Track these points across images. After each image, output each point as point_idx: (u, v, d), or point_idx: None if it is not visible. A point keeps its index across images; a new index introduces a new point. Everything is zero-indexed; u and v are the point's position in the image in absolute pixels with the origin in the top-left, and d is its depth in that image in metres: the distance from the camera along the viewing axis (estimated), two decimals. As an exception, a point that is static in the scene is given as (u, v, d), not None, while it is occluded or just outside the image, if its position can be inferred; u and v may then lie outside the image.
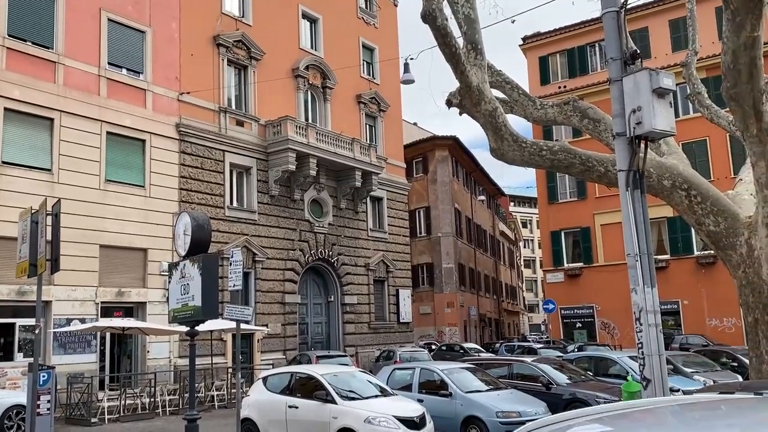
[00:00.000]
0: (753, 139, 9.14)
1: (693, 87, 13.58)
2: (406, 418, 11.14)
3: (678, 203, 10.26)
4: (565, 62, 37.67)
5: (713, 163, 31.51)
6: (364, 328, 31.11)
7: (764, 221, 9.30)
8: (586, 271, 35.14)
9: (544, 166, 11.45)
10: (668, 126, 8.28)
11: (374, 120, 34.14)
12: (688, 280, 31.52)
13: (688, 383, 13.99)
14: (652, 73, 8.07)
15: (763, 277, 9.31)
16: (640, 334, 8.38)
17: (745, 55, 8.27)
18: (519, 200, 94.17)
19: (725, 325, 30.14)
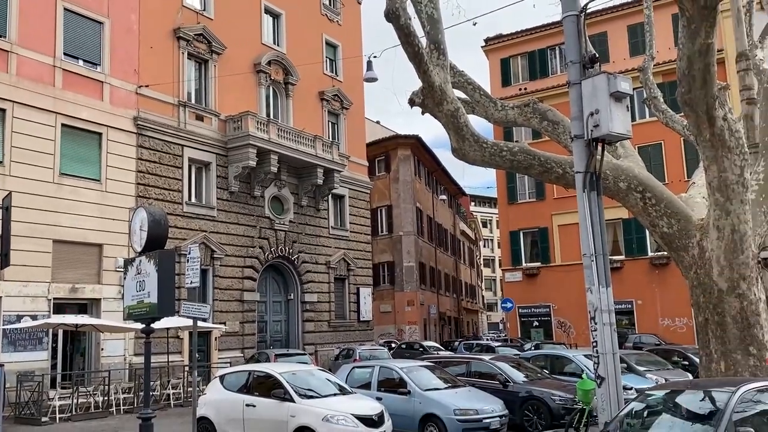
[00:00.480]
0: (706, 144, 9.39)
1: (649, 91, 13.89)
2: (365, 416, 11.15)
3: (633, 205, 10.49)
4: (526, 64, 38.15)
5: (668, 167, 32.29)
6: (324, 327, 31.01)
7: (715, 224, 9.56)
8: (544, 271, 35.67)
9: (504, 167, 11.58)
10: (625, 129, 8.45)
11: (337, 117, 34.04)
12: (642, 281, 32.25)
13: (640, 381, 14.31)
14: (609, 77, 8.22)
15: (713, 278, 9.57)
16: (594, 332, 8.54)
17: (700, 61, 8.48)
18: (480, 200, 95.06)
19: (677, 325, 30.94)
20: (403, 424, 12.55)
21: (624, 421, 7.66)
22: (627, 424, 7.61)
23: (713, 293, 9.52)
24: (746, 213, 9.44)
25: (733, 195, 9.33)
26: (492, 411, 12.55)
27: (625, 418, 7.74)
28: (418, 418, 12.59)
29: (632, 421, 7.69)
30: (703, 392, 7.63)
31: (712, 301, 9.53)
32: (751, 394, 7.35)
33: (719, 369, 9.39)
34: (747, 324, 9.29)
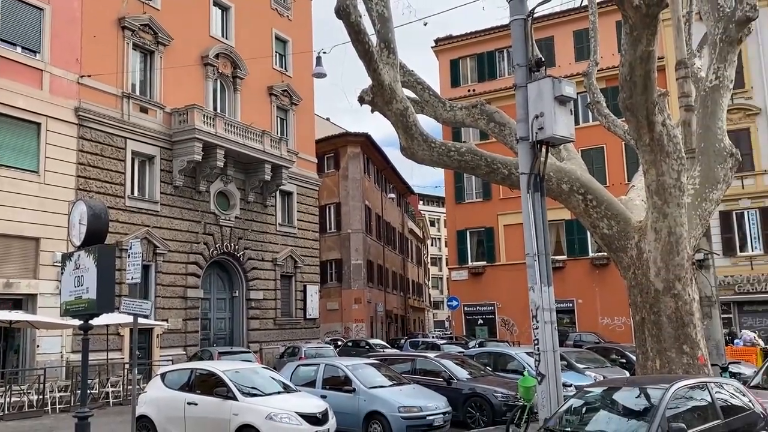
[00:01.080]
0: (645, 148, 9.69)
1: (593, 96, 14.24)
2: (309, 414, 11.10)
3: (575, 206, 10.74)
4: (475, 66, 38.61)
5: (609, 170, 33.19)
6: (270, 324, 30.72)
7: (653, 226, 9.87)
8: (489, 270, 36.20)
9: (452, 167, 11.70)
10: (568, 132, 8.65)
11: (286, 113, 33.75)
12: (583, 280, 33.08)
13: (580, 378, 14.67)
14: (554, 81, 8.40)
15: (650, 279, 9.88)
16: (536, 330, 8.72)
17: (641, 68, 8.74)
18: (428, 199, 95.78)
19: (616, 324, 31.86)
20: (348, 422, 12.55)
21: (563, 417, 7.85)
22: (566, 420, 7.80)
23: (650, 293, 9.84)
24: (682, 216, 9.79)
25: (671, 198, 9.65)
26: (436, 408, 12.67)
27: (564, 414, 7.92)
28: (362, 416, 12.61)
29: (571, 417, 7.88)
30: (639, 389, 7.88)
31: (649, 301, 9.84)
32: (684, 391, 7.64)
33: (654, 367, 9.71)
34: (681, 323, 9.63)
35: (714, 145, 10.87)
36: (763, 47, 30.07)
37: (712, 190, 10.69)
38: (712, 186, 10.69)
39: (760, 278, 29.34)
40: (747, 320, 29.64)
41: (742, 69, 29.82)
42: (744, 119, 30.24)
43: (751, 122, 30.25)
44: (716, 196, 10.77)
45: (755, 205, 29.98)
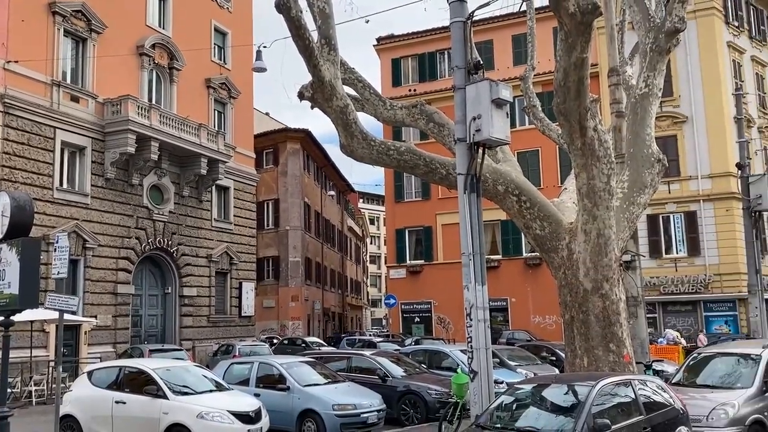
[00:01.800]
0: (577, 152, 9.96)
1: (529, 100, 14.57)
2: (241, 413, 10.97)
3: (509, 207, 10.96)
4: (416, 66, 38.89)
5: (544, 172, 34.02)
6: (203, 322, 30.15)
7: (583, 228, 10.17)
8: (427, 268, 36.55)
9: (391, 166, 11.75)
10: (504, 135, 8.82)
11: (224, 106, 33.17)
12: (516, 280, 33.80)
13: (511, 375, 14.98)
14: (492, 84, 8.55)
15: (579, 279, 10.18)
16: (470, 328, 8.86)
17: (575, 74, 8.98)
18: (368, 197, 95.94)
19: (547, 322, 32.68)
20: (282, 421, 12.46)
21: (494, 413, 8.00)
22: (496, 417, 7.95)
23: (579, 293, 10.13)
24: (611, 218, 10.12)
25: (600, 201, 9.96)
26: (370, 406, 12.72)
27: (495, 410, 8.08)
28: (296, 414, 12.54)
29: (501, 414, 8.04)
30: (567, 386, 8.12)
31: (578, 300, 10.14)
32: (609, 388, 7.91)
33: (582, 364, 10.01)
34: (609, 322, 9.96)
35: (642, 150, 11.29)
36: (691, 57, 31.38)
37: (639, 194, 11.10)
38: (639, 190, 11.09)
39: (683, 279, 30.62)
40: (671, 320, 30.92)
41: (670, 78, 31.08)
42: (671, 126, 31.49)
43: (678, 129, 31.52)
44: (644, 199, 11.19)
45: (680, 210, 31.27)
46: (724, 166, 29.80)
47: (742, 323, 28.64)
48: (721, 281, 30.08)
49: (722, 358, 11.49)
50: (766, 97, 34.47)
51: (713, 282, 30.18)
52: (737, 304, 29.57)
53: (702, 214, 30.79)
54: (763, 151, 32.76)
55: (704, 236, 30.66)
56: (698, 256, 30.76)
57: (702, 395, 10.27)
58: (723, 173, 30.09)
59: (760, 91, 34.11)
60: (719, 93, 30.55)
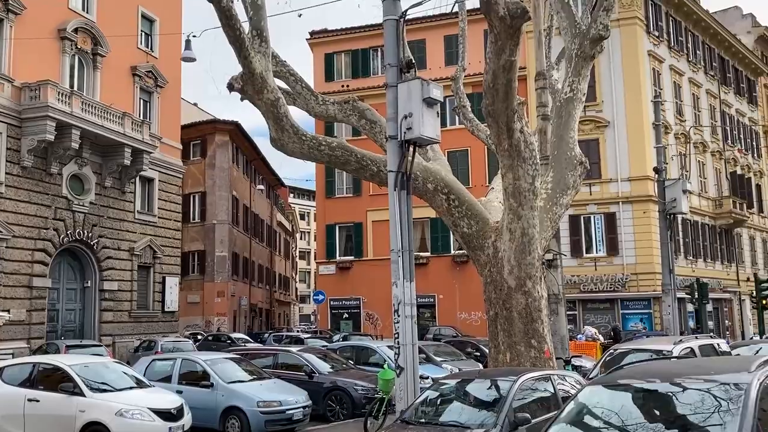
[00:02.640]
0: (504, 153, 10.20)
1: (459, 100, 14.81)
2: (162, 410, 10.70)
3: (439, 205, 11.12)
4: (350, 62, 38.83)
5: (473, 172, 34.62)
6: (125, 317, 29.21)
7: (508, 227, 10.42)
8: (357, 265, 36.60)
9: (322, 161, 11.71)
10: (434, 134, 8.93)
11: (150, 95, 32.16)
12: (444, 276, 34.29)
13: (437, 371, 15.21)
14: (423, 83, 8.64)
15: (504, 276, 10.43)
16: (397, 324, 8.94)
17: (503, 76, 9.19)
18: (298, 192, 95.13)
19: (473, 318, 33.32)
20: (205, 418, 12.22)
21: (419, 408, 8.11)
22: (421, 412, 8.06)
23: (503, 290, 10.39)
24: (535, 218, 10.41)
25: (525, 201, 10.23)
26: (296, 402, 12.65)
27: (420, 405, 8.19)
28: (220, 411, 12.33)
29: (426, 409, 8.16)
30: (490, 381, 8.31)
31: (502, 297, 10.40)
32: (530, 383, 8.14)
33: (505, 360, 10.27)
34: (531, 319, 10.25)
35: (566, 153, 11.66)
36: (614, 64, 32.59)
37: (562, 195, 11.47)
38: (562, 191, 11.46)
39: (602, 278, 31.81)
40: (589, 317, 32.08)
41: (594, 83, 32.15)
42: (594, 130, 32.64)
43: (600, 133, 32.70)
44: (566, 200, 11.57)
45: (601, 211, 32.46)
46: (643, 169, 31.12)
47: (656, 321, 29.99)
48: (637, 280, 31.41)
49: (636, 354, 11.99)
50: (683, 105, 36.18)
51: (630, 281, 31.49)
52: (652, 303, 30.94)
53: (621, 215, 32.06)
54: (678, 156, 34.38)
55: (623, 237, 31.94)
56: (617, 256, 32.02)
57: (617, 389, 10.69)
58: (641, 177, 31.40)
59: (677, 99, 35.78)
60: (639, 99, 31.86)
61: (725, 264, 37.71)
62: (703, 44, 39.24)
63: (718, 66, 40.41)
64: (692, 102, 37.10)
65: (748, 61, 43.72)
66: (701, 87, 38.19)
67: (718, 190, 38.11)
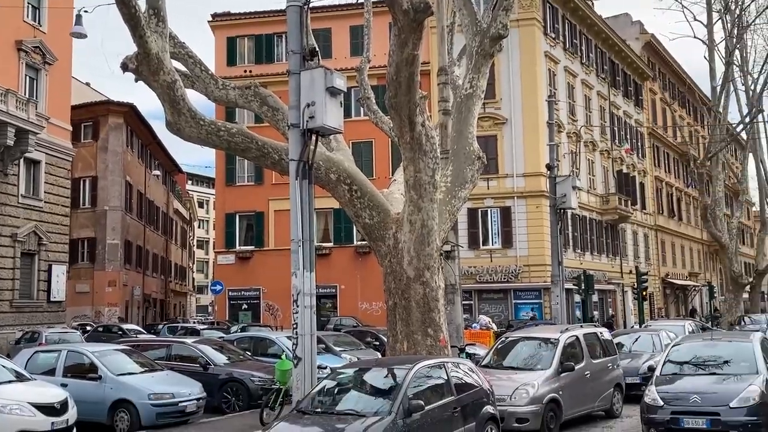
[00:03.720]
0: (406, 146, 10.34)
1: (364, 92, 14.86)
2: (45, 405, 10.15)
3: (341, 196, 11.13)
4: (253, 47, 38.03)
5: (377, 164, 34.88)
6: (5, 307, 27.39)
7: (409, 218, 10.59)
8: (257, 255, 36.04)
9: (221, 147, 11.43)
10: (337, 123, 8.92)
11: (37, 73, 30.19)
12: (347, 267, 34.41)
13: (336, 360, 15.26)
14: (327, 72, 8.60)
15: (404, 267, 10.61)
16: (296, 315, 8.89)
17: (406, 69, 9.30)
18: (197, 179, 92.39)
19: (374, 309, 33.63)
20: (93, 412, 11.71)
21: (315, 398, 8.11)
22: (318, 401, 8.07)
23: (403, 280, 10.57)
24: (434, 210, 10.63)
25: (425, 194, 10.43)
26: (189, 394, 12.35)
27: (317, 395, 8.19)
28: (108, 404, 11.85)
29: (323, 398, 8.17)
30: (387, 369, 8.43)
31: (401, 287, 10.57)
32: (425, 371, 8.33)
33: (403, 348, 10.46)
34: (428, 308, 10.48)
35: (465, 148, 11.97)
36: (512, 63, 33.70)
37: (461, 188, 11.76)
38: (461, 185, 11.76)
39: (497, 269, 32.95)
40: (484, 307, 33.18)
41: (494, 81, 33.18)
42: (493, 127, 33.66)
43: (498, 130, 33.77)
44: (464, 194, 11.88)
45: (497, 205, 33.58)
46: (537, 166, 32.41)
47: (546, 310, 31.43)
48: (529, 272, 32.76)
49: (526, 342, 12.54)
50: (575, 106, 37.96)
51: (523, 272, 32.81)
52: (542, 293, 32.38)
53: (516, 209, 33.30)
54: (570, 154, 36.05)
55: (517, 230, 33.19)
56: (511, 249, 33.24)
57: (507, 376, 11.15)
58: (535, 173, 32.70)
59: (570, 100, 37.48)
60: (535, 98, 33.11)
61: (610, 257, 39.99)
62: (595, 48, 41.28)
63: (608, 69, 42.65)
64: (584, 103, 38.99)
65: (636, 66, 46.41)
66: (593, 89, 40.18)
67: (606, 188, 40.30)
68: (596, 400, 12.02)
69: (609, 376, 12.58)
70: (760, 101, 43.48)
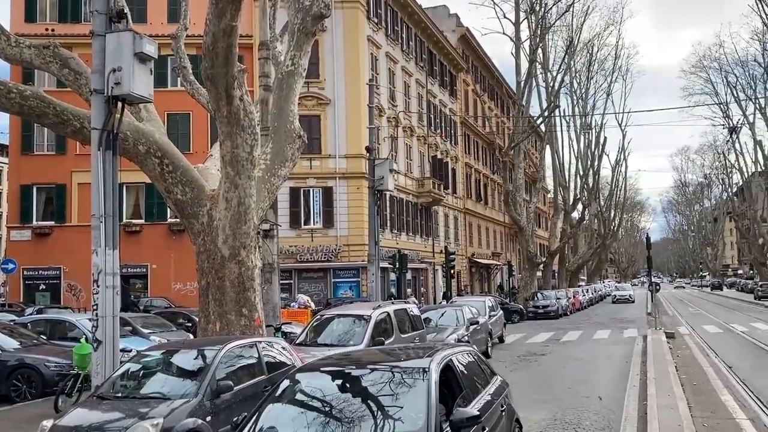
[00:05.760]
0: (223, 120, 10.04)
1: (180, 61, 14.16)
2: None
3: (151, 170, 10.55)
4: (56, 3, 34.59)
5: (194, 137, 33.48)
6: None
7: (225, 195, 10.32)
8: (58, 231, 33.14)
9: (12, 111, 10.32)
10: (147, 92, 8.40)
11: None
12: (159, 245, 32.79)
13: (143, 343, 14.51)
14: (136, 36, 8.05)
15: (218, 245, 10.33)
16: (96, 295, 8.32)
17: (224, 40, 8.99)
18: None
19: (188, 289, 32.43)
20: None
21: (117, 382, 7.66)
22: (120, 386, 7.63)
23: (217, 259, 10.29)
24: (252, 188, 10.45)
25: (243, 170, 10.22)
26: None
27: (120, 379, 7.75)
28: None
29: (127, 382, 7.75)
30: (196, 351, 8.18)
31: (215, 267, 10.30)
32: (238, 351, 8.20)
33: (215, 329, 10.22)
34: (243, 288, 10.32)
35: (286, 125, 11.85)
36: (336, 45, 33.95)
37: (281, 166, 11.66)
38: (281, 163, 11.65)
39: (318, 249, 33.29)
40: (304, 286, 33.39)
41: (318, 61, 33.24)
42: (317, 107, 33.75)
43: (322, 110, 33.93)
44: (284, 172, 11.79)
45: (319, 185, 33.83)
46: (359, 148, 33.06)
47: (364, 288, 32.36)
48: (348, 251, 33.49)
49: (340, 320, 12.81)
50: (396, 91, 39.18)
51: (342, 251, 33.45)
52: (360, 272, 33.25)
53: (337, 190, 33.79)
54: (390, 138, 37.22)
55: (338, 210, 33.72)
56: (332, 228, 33.72)
57: (322, 353, 11.29)
58: (357, 155, 33.36)
59: (391, 85, 38.62)
60: (358, 81, 33.68)
61: (424, 237, 42.07)
62: (415, 36, 42.85)
63: (427, 59, 44.51)
64: (404, 89, 40.38)
65: (452, 57, 48.90)
66: (412, 76, 41.74)
67: (422, 172, 42.23)
68: (403, 372, 12.60)
69: (416, 349, 13.25)
70: (557, 97, 48.11)
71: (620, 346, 19.89)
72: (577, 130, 57.81)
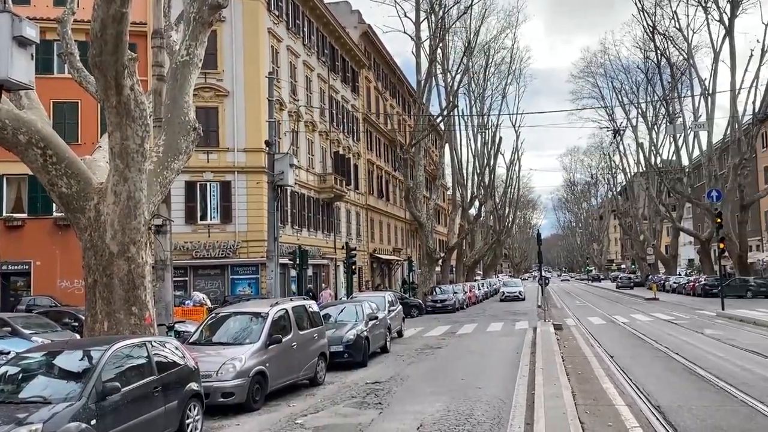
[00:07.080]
0: (112, 110, 9.60)
1: (67, 47, 13.44)
2: None
3: (32, 161, 9.97)
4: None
5: (83, 127, 31.81)
6: None
7: (114, 189, 9.88)
8: (-73, 225, 30.62)
9: None
10: (27, 78, 7.89)
11: None
12: (44, 241, 30.96)
13: (24, 345, 13.67)
14: (15, 18, 7.55)
15: (106, 241, 9.88)
16: (-32, 295, 7.75)
17: (113, 27, 8.60)
18: None
19: (75, 287, 30.80)
20: None
21: (-9, 388, 7.20)
22: None
23: (105, 255, 9.84)
24: (143, 181, 10.07)
25: (133, 163, 9.82)
26: None
27: (-6, 384, 7.29)
28: None
29: (4, 387, 7.32)
30: (82, 351, 7.81)
31: (103, 263, 9.85)
32: (126, 351, 7.89)
33: (102, 329, 9.78)
34: (133, 286, 9.93)
35: (180, 117, 11.47)
36: (236, 36, 33.21)
37: (174, 159, 11.28)
38: (174, 156, 11.27)
39: (215, 245, 32.48)
40: (200, 283, 32.49)
41: (216, 52, 32.42)
42: (214, 98, 32.90)
43: (220, 102, 33.10)
44: (178, 165, 11.41)
45: (217, 179, 33.00)
46: (258, 142, 32.47)
47: (263, 285, 31.88)
48: (248, 247, 32.89)
49: (237, 317, 12.59)
50: (297, 86, 38.82)
51: (241, 248, 32.81)
52: (260, 268, 32.74)
53: (236, 184, 33.07)
54: (291, 133, 36.84)
55: (237, 205, 33.02)
56: (230, 224, 32.98)
57: (216, 352, 11.09)
58: (256, 149, 32.78)
59: (292, 79, 38.22)
60: (258, 74, 33.07)
61: (325, 233, 41.98)
62: (317, 31, 42.62)
63: (329, 54, 44.39)
64: (305, 84, 40.08)
65: (354, 53, 49.03)
66: (314, 71, 41.50)
67: (323, 167, 42.09)
68: (301, 369, 12.55)
69: (314, 346, 13.23)
70: (456, 97, 49.31)
71: (512, 338, 20.71)
72: (475, 129, 59.48)
